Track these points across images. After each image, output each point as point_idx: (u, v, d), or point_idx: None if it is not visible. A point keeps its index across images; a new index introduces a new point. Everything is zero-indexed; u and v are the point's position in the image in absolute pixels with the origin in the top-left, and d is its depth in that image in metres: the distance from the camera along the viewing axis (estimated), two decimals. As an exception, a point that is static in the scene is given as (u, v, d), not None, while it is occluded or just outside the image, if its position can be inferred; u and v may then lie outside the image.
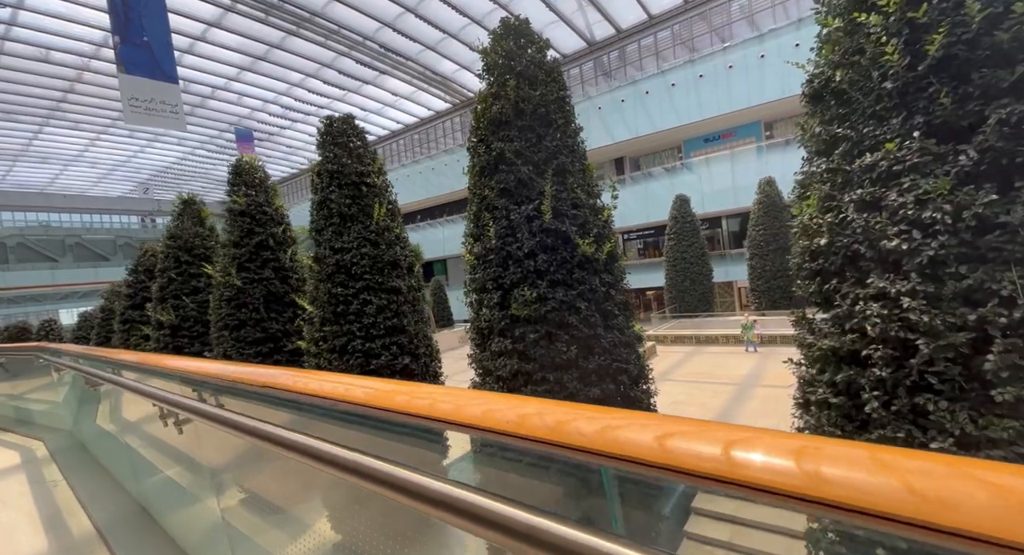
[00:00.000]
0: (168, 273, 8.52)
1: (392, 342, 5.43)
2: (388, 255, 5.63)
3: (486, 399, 0.77)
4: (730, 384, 9.42)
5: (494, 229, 3.64)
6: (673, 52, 24.44)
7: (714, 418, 7.51)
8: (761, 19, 21.54)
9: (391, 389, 0.93)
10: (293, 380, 1.20)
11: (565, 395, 3.48)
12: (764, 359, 11.22)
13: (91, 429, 3.56)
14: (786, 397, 7.98)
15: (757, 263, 15.06)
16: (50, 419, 4.25)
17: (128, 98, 12.37)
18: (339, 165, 5.58)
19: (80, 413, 3.93)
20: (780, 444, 0.46)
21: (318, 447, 0.89)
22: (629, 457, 0.52)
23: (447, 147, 35.22)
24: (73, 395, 4.06)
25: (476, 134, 4.02)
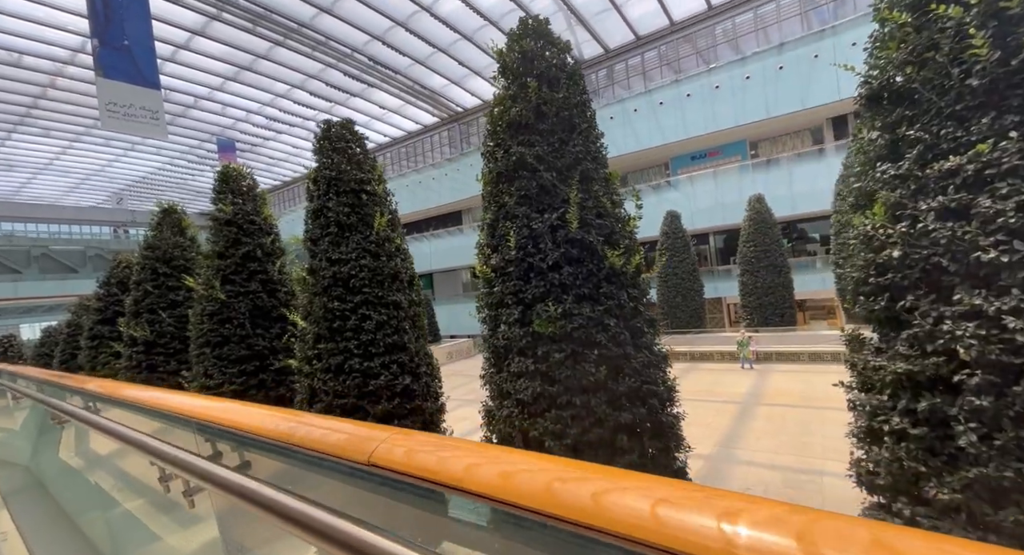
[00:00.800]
0: (144, 286, 7.97)
1: (392, 360, 5.05)
2: (389, 267, 5.29)
3: (504, 458, 0.65)
4: (731, 402, 9.22)
5: (515, 239, 3.36)
6: (660, 72, 24.93)
7: (721, 438, 7.27)
8: (745, 43, 22.16)
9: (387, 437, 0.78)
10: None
11: (592, 421, 3.18)
12: (762, 376, 11.10)
13: (53, 464, 3.10)
14: (792, 415, 7.82)
15: (748, 280, 15.10)
16: (3, 450, 3.74)
17: (106, 103, 11.84)
18: (337, 171, 5.26)
19: (40, 444, 3.45)
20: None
21: (304, 512, 0.73)
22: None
23: (434, 161, 35.10)
24: (33, 422, 3.58)
25: (493, 138, 3.77)
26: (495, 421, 3.55)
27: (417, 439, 0.81)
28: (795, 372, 10.72)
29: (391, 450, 0.75)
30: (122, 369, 7.83)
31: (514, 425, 3.28)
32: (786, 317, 14.62)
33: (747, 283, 15.19)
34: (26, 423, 3.57)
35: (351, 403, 4.80)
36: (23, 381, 3.21)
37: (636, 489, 0.50)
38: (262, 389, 6.51)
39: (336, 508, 0.70)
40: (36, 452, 3.33)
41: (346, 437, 0.86)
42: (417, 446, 0.75)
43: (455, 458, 0.67)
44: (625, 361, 3.25)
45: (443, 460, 0.68)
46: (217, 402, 1.51)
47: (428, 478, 0.65)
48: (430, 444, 0.76)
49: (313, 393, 4.95)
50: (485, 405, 3.88)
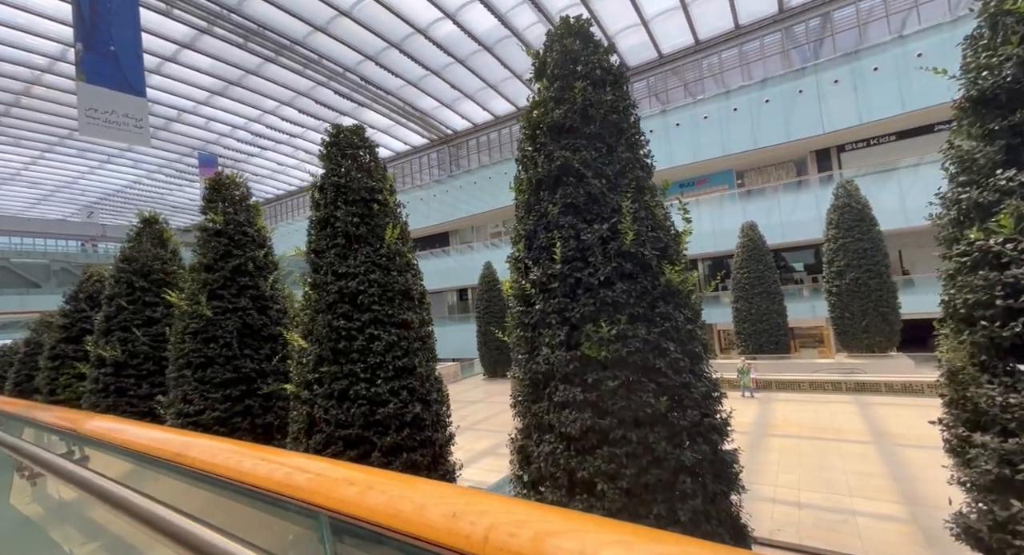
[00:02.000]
0: (118, 301, 7.30)
1: (402, 386, 4.58)
2: (399, 283, 4.88)
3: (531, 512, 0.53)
4: (740, 432, 8.87)
5: (561, 251, 3.03)
6: (649, 102, 25.56)
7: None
8: (730, 77, 22.97)
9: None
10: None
11: (650, 460, 2.80)
12: (764, 405, 10.87)
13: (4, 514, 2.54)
14: (806, 447, 7.53)
15: (742, 306, 15.07)
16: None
17: (86, 108, 11.26)
18: (347, 178, 4.89)
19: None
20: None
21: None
22: None
23: (423, 182, 34.97)
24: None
25: (531, 142, 3.48)
26: (532, 459, 3.13)
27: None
28: (797, 401, 10.53)
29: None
30: (87, 393, 7.07)
31: (558, 464, 2.87)
32: (781, 344, 14.57)
33: (741, 309, 15.15)
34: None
35: (356, 434, 4.29)
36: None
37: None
38: (247, 416, 5.90)
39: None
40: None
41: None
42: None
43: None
44: (685, 391, 2.91)
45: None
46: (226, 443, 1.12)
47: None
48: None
49: (312, 423, 4.43)
50: (515, 440, 3.45)
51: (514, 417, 3.45)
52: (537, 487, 3.11)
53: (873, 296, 12.38)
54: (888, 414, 8.93)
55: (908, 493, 5.64)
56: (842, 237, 12.94)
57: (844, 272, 12.77)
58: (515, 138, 32.15)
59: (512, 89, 28.34)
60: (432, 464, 4.70)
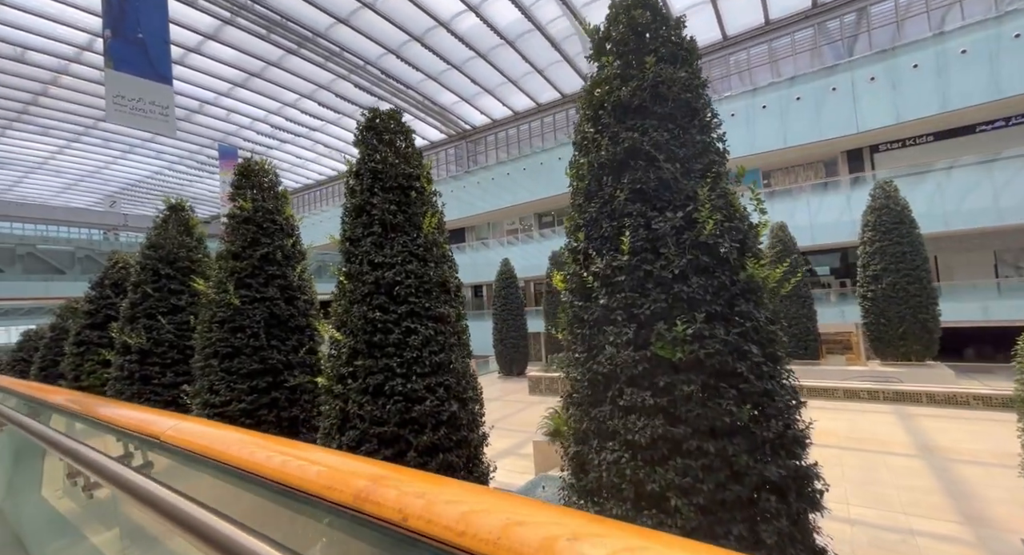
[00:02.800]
0: (144, 288, 7.21)
1: (439, 382, 4.36)
2: (437, 274, 4.66)
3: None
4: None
5: (629, 241, 2.77)
6: (672, 98, 25.02)
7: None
8: (759, 74, 22.38)
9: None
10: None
11: (729, 474, 2.53)
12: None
13: (34, 509, 2.37)
14: (848, 459, 7.15)
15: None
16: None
17: (113, 95, 11.26)
18: (384, 164, 4.67)
19: (16, 476, 2.71)
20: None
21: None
22: None
23: (438, 177, 34.81)
24: (7, 445, 2.84)
25: (592, 123, 3.22)
26: (589, 466, 2.88)
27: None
28: (832, 409, 10.10)
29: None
30: (111, 379, 7.00)
31: (623, 474, 2.61)
32: (810, 350, 14.10)
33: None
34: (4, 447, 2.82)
35: (391, 432, 4.09)
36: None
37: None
38: (274, 409, 5.74)
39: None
40: (10, 489, 2.59)
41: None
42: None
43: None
44: (768, 398, 2.63)
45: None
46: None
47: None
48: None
49: (345, 418, 4.23)
50: (568, 446, 3.20)
51: (568, 420, 3.20)
52: (594, 497, 2.86)
53: (912, 302, 11.87)
54: (932, 426, 8.50)
55: (970, 513, 5.27)
56: (879, 240, 12.43)
57: (881, 276, 12.26)
58: (533, 134, 31.83)
59: (532, 85, 28.05)
60: (468, 465, 4.48)
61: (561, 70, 26.32)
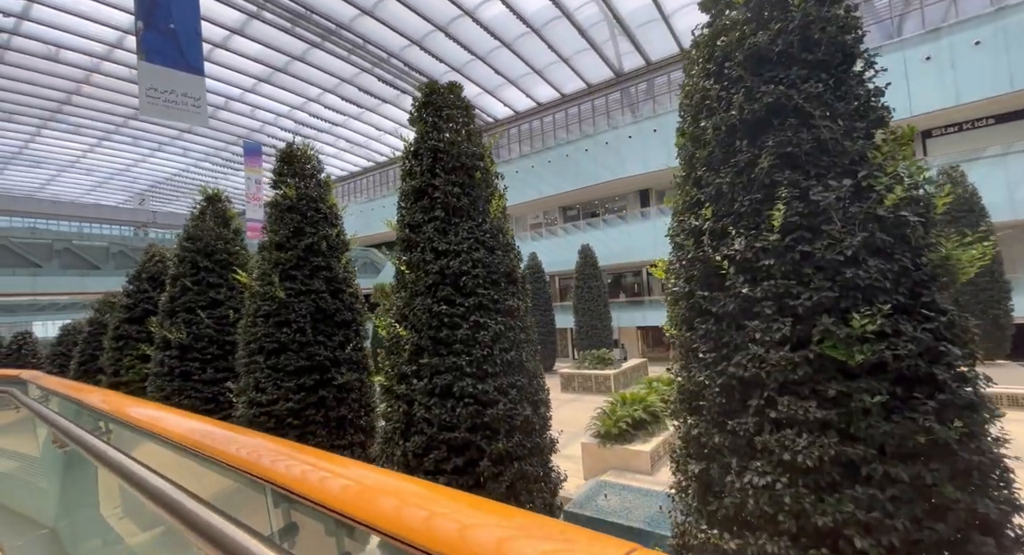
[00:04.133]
0: (182, 281, 6.97)
1: (511, 383, 3.93)
2: (504, 263, 4.22)
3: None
4: None
5: (781, 216, 2.26)
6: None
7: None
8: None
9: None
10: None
11: (928, 508, 2.02)
12: None
13: (93, 528, 2.01)
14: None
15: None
16: (17, 497, 2.65)
17: (146, 88, 11.11)
18: (446, 143, 4.24)
19: (70, 491, 2.36)
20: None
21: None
22: None
23: (462, 171, 34.28)
24: (58, 457, 2.50)
25: (716, 79, 2.71)
26: (726, 490, 2.39)
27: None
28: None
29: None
30: (152, 375, 6.78)
31: (779, 503, 2.12)
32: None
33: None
34: (51, 456, 2.48)
35: (462, 438, 3.67)
36: (59, 401, 2.15)
37: None
38: (321, 408, 5.41)
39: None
40: (65, 507, 2.24)
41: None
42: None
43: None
44: (972, 412, 2.11)
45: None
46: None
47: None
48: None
49: (409, 422, 3.83)
50: (683, 462, 2.73)
51: (688, 433, 2.72)
52: (732, 527, 2.37)
53: (982, 296, 11.00)
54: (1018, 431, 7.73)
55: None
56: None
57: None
58: (558, 126, 31.13)
59: (558, 74, 27.38)
60: (542, 475, 4.05)
61: (587, 58, 25.59)
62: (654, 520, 5.00)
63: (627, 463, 7.40)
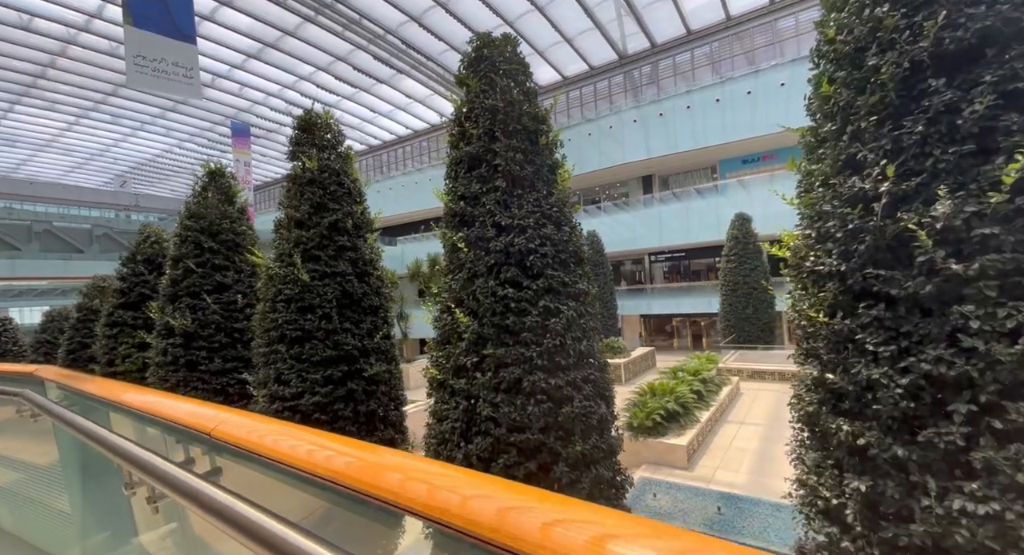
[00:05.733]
0: (185, 263, 6.33)
1: (585, 377, 3.46)
2: (572, 242, 3.72)
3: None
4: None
5: (1017, 171, 1.79)
6: (713, 68, 23.60)
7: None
8: (808, 41, 20.82)
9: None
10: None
11: None
12: None
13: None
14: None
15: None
16: (33, 526, 2.12)
17: (133, 55, 10.24)
18: (506, 102, 3.68)
19: (100, 516, 1.84)
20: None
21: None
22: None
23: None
24: (79, 468, 1.96)
25: (895, 3, 2.21)
26: (913, 516, 1.96)
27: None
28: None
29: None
30: (154, 365, 6.18)
31: (1013, 537, 1.69)
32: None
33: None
34: (76, 473, 1.96)
35: (535, 440, 3.20)
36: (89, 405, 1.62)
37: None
38: (350, 402, 4.89)
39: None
40: (95, 536, 1.72)
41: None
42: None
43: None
44: None
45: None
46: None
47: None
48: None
49: (471, 421, 3.34)
50: (845, 479, 2.29)
51: (862, 444, 2.26)
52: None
53: None
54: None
55: None
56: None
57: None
58: (559, 110, 30.35)
59: (559, 55, 26.55)
60: (615, 479, 3.60)
61: (591, 39, 24.81)
62: (716, 524, 4.63)
63: (662, 457, 7.03)
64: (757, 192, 20.51)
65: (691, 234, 21.79)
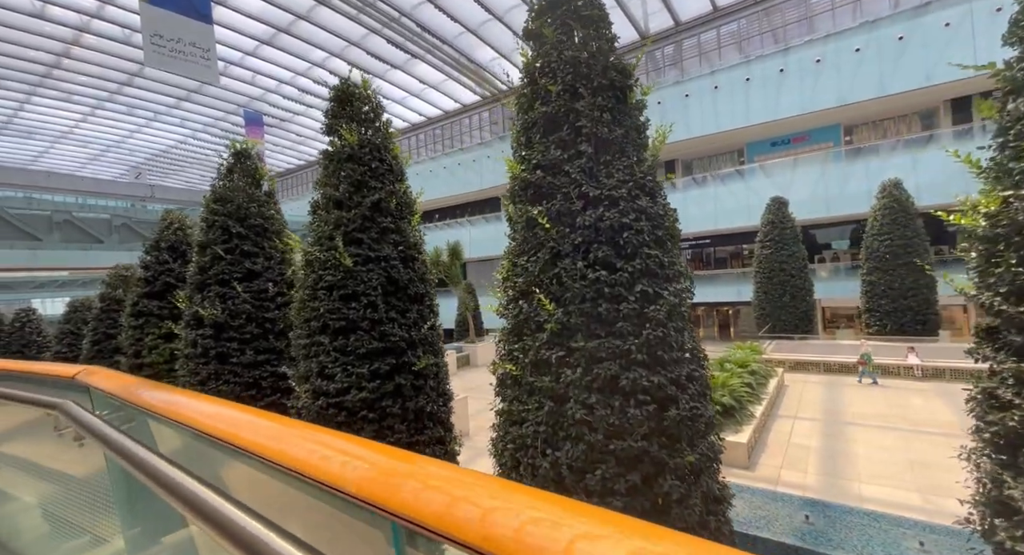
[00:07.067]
0: (212, 249, 5.94)
1: (689, 374, 2.97)
2: (669, 216, 3.21)
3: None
4: (936, 433, 7.19)
5: None
6: (739, 46, 22.58)
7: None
8: (842, 15, 19.73)
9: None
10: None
11: None
12: (910, 395, 9.16)
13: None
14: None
15: (879, 279, 12.87)
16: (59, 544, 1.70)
17: (151, 34, 9.81)
18: (589, 52, 3.15)
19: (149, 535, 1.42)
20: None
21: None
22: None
23: (464, 146, 32.94)
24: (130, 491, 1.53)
25: None
26: None
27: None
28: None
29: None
30: (183, 357, 5.83)
31: None
32: (929, 325, 12.42)
33: (876, 283, 12.97)
34: (122, 494, 1.53)
35: (636, 448, 2.73)
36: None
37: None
38: (398, 398, 4.47)
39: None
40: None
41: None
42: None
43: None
44: None
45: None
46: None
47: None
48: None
49: (557, 424, 2.88)
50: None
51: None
52: None
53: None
54: None
55: None
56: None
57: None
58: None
59: (580, 36, 25.61)
60: (722, 492, 3.13)
61: (612, 17, 23.83)
62: (807, 535, 4.14)
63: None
64: (792, 175, 19.64)
65: (718, 220, 21.06)
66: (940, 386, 9.67)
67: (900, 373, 10.48)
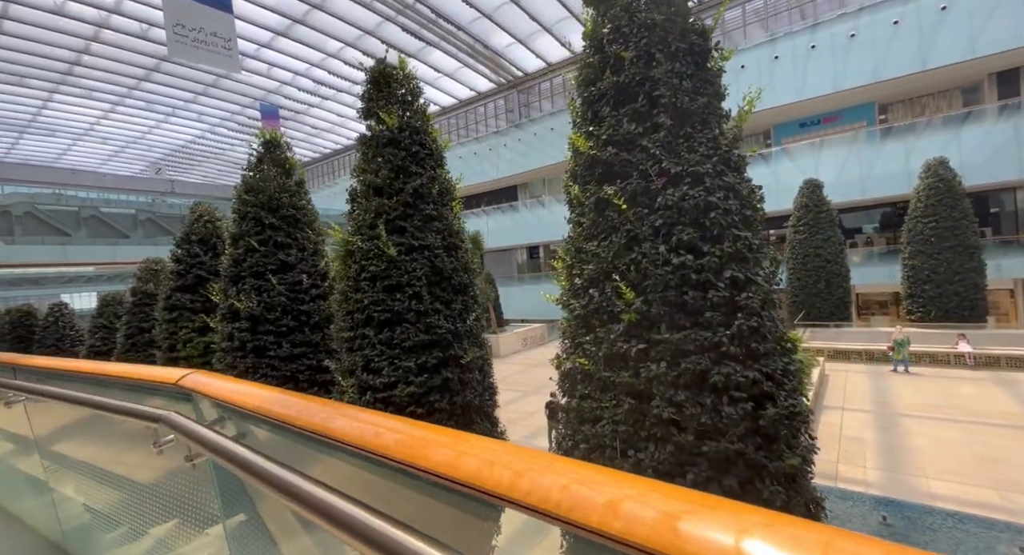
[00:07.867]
0: (247, 240, 5.79)
1: (784, 368, 2.70)
2: (753, 199, 2.91)
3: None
4: (1003, 425, 6.79)
5: None
6: (765, 24, 21.69)
7: None
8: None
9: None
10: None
11: None
12: (963, 384, 8.68)
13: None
14: None
15: (922, 263, 12.28)
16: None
17: (172, 24, 9.67)
18: (666, 13, 2.84)
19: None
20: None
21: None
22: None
23: (491, 131, 32.49)
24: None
25: None
26: None
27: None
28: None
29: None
30: (220, 351, 5.74)
31: None
32: (976, 311, 11.83)
33: (920, 268, 12.38)
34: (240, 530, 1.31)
35: (732, 450, 2.48)
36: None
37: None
38: (446, 393, 4.28)
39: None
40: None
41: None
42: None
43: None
44: None
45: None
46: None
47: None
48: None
49: (639, 423, 2.64)
50: None
51: None
52: None
53: None
54: None
55: None
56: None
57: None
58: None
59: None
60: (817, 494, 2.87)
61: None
62: (886, 539, 3.86)
63: (769, 449, 6.27)
64: (819, 156, 18.89)
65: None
66: (996, 375, 9.18)
67: (950, 362, 10.00)
